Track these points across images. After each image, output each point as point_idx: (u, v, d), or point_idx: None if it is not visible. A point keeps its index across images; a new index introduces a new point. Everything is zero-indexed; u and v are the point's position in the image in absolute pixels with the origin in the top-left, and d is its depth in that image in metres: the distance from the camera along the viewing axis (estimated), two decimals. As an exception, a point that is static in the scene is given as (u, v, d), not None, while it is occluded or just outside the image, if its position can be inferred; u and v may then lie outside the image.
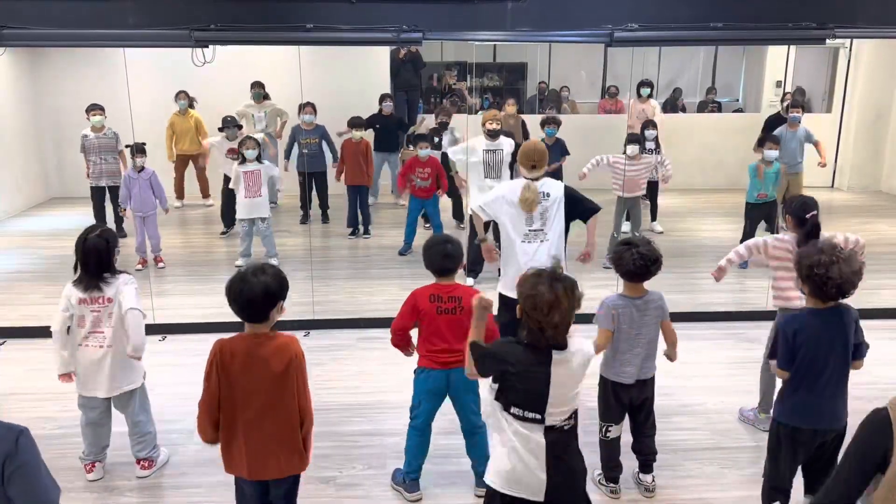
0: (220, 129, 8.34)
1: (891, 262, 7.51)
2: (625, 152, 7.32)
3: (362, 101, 9.40)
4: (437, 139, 8.41)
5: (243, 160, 7.11)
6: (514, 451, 2.67)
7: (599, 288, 6.58)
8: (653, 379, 3.76)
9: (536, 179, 4.43)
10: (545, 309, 2.52)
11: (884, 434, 2.03)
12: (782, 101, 9.85)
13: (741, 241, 7.33)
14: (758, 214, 7.24)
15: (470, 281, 6.62)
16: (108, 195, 8.06)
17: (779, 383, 3.31)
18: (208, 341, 2.99)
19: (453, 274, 3.68)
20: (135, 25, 5.35)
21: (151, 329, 2.67)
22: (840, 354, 3.09)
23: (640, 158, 7.41)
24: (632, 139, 7.38)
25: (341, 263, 7.69)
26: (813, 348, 3.08)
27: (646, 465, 3.85)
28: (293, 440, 2.96)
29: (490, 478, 2.77)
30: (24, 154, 9.90)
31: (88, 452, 3.95)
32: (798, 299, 4.01)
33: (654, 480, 3.84)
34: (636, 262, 3.49)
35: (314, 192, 8.79)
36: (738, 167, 10.12)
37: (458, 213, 8.61)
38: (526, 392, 2.62)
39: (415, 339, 3.77)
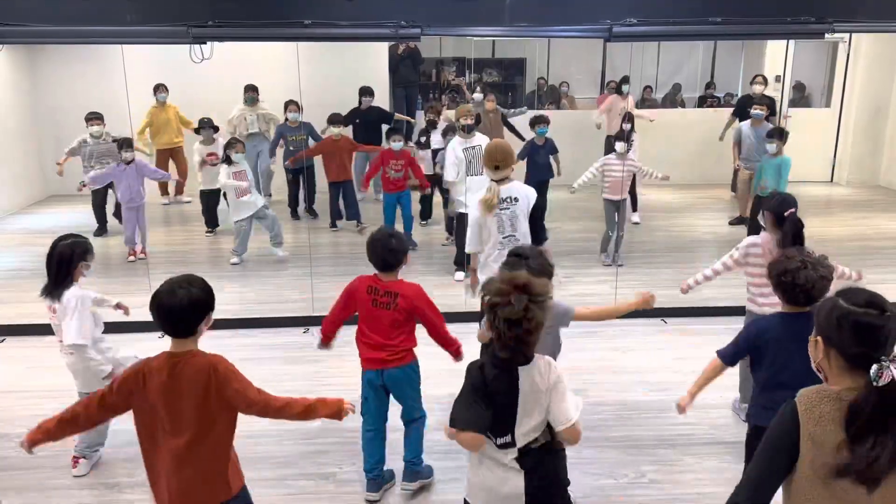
0: (196, 131, 8.34)
1: (891, 256, 7.52)
2: (614, 150, 7.26)
3: (361, 97, 9.38)
4: (423, 139, 8.39)
5: (229, 161, 7.13)
6: (491, 485, 2.53)
7: (599, 283, 6.66)
8: None
9: (500, 181, 4.34)
10: (515, 322, 2.31)
11: (792, 425, 1.93)
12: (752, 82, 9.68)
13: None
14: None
15: (460, 275, 6.64)
16: (107, 196, 8.08)
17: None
18: (203, 340, 2.79)
19: (395, 270, 3.63)
20: (133, 22, 5.34)
21: (150, 326, 2.62)
22: (805, 358, 3.03)
23: (626, 157, 7.30)
24: (619, 136, 7.34)
25: (339, 259, 7.68)
26: (776, 351, 3.02)
27: None
28: (222, 472, 2.62)
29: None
30: (23, 152, 9.90)
31: (83, 444, 3.98)
32: (768, 306, 3.96)
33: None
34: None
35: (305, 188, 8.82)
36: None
37: (425, 213, 8.75)
38: (494, 412, 2.44)
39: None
